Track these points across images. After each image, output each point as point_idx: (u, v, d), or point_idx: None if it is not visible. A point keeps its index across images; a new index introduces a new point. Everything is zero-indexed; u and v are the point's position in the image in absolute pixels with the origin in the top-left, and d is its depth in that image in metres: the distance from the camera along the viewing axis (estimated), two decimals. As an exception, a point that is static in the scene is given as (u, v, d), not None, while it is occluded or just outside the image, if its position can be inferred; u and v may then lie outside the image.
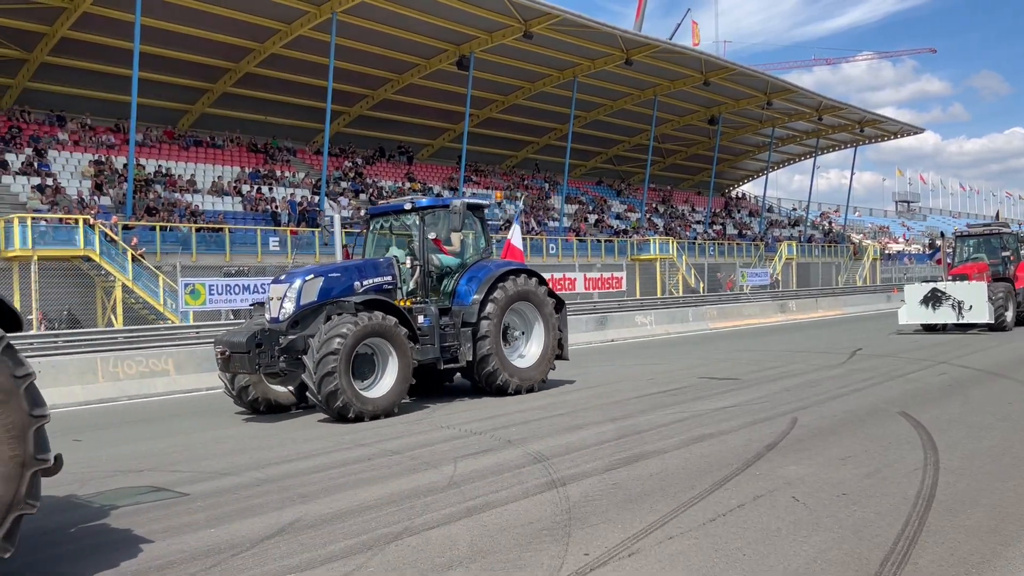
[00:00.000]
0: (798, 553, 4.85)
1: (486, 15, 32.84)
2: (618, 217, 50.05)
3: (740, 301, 35.14)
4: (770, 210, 64.89)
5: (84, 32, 29.45)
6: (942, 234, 25.41)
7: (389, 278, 11.30)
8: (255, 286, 24.41)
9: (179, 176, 32.01)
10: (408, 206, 11.92)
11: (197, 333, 20.61)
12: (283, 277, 10.86)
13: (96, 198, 27.82)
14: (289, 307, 10.33)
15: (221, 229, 27.78)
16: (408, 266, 11.51)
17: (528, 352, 12.24)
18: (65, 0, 27.54)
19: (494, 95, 42.30)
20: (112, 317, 23.06)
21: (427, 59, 36.95)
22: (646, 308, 29.95)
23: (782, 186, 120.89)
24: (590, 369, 15.23)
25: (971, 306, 19.59)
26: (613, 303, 33.11)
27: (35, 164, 28.40)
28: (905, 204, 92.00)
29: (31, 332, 20.03)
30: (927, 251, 62.67)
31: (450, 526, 5.53)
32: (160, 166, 32.13)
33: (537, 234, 40.53)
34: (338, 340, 9.60)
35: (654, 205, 53.90)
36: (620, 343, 21.98)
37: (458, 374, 12.34)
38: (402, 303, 11.08)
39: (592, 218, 47.22)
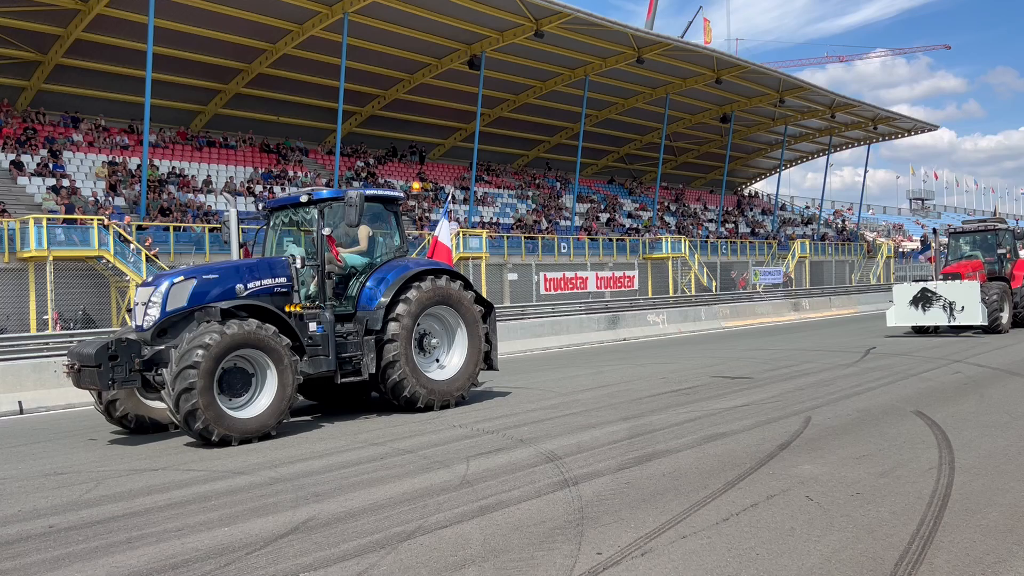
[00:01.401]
0: (812, 553, 4.83)
1: (497, 14, 32.85)
2: (630, 216, 49.96)
3: (753, 300, 35.02)
4: (783, 208, 64.60)
5: (98, 34, 29.66)
6: (934, 230, 24.35)
7: (283, 280, 9.98)
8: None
9: (192, 176, 32.18)
10: (304, 198, 10.53)
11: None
12: (150, 279, 9.70)
13: (110, 199, 28.02)
14: (154, 313, 9.12)
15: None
16: (305, 267, 10.15)
17: (449, 362, 11.01)
18: (79, 2, 27.74)
19: (505, 94, 42.30)
20: (127, 317, 23.21)
21: (438, 59, 36.99)
22: (658, 307, 29.88)
23: (795, 184, 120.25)
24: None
25: (963, 307, 18.52)
26: (625, 302, 33.06)
27: (50, 165, 28.62)
28: (919, 202, 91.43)
29: (47, 332, 20.20)
30: (919, 248, 62.11)
31: (463, 525, 5.54)
32: (174, 167, 32.32)
33: (549, 233, 40.51)
34: (199, 352, 8.44)
35: (666, 204, 53.76)
36: (632, 342, 21.94)
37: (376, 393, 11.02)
38: (293, 308, 9.84)
39: (604, 217, 47.16)
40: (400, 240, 11.31)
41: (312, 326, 9.85)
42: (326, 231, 10.18)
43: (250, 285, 9.69)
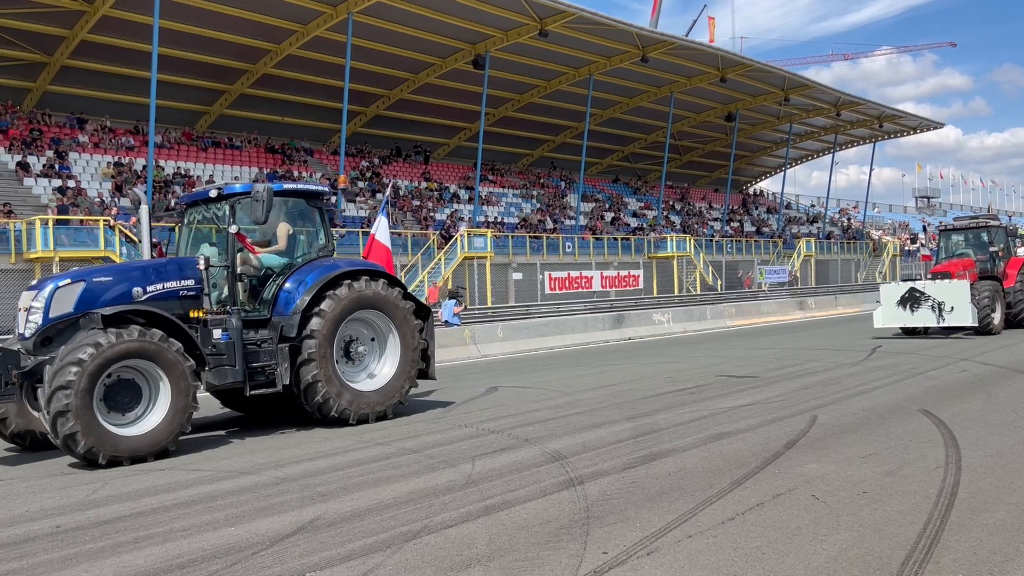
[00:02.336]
0: (818, 552, 4.82)
1: (501, 14, 32.84)
2: (635, 215, 49.93)
3: (758, 299, 34.99)
4: (788, 207, 64.48)
5: (103, 35, 29.75)
6: (924, 228, 23.92)
7: (191, 282, 9.16)
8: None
9: (198, 177, 32.25)
10: (214, 193, 9.70)
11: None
12: (34, 282, 8.90)
13: (116, 199, 28.09)
14: (36, 320, 8.32)
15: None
16: (209, 268, 9.30)
17: (380, 371, 10.18)
18: (84, 4, 27.82)
19: (510, 94, 42.29)
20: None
21: (443, 58, 37.00)
22: (663, 306, 29.90)
23: (800, 182, 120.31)
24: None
25: (952, 307, 17.72)
26: (630, 301, 33.09)
27: (56, 166, 28.71)
28: (925, 200, 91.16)
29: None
30: (909, 246, 61.78)
31: (468, 525, 5.54)
32: (179, 167, 32.40)
33: (553, 232, 40.50)
34: (72, 370, 7.63)
35: (671, 203, 53.71)
36: (638, 341, 21.92)
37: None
38: (198, 313, 9.09)
39: (609, 216, 47.14)
40: (325, 239, 10.44)
41: (216, 333, 8.95)
42: (233, 229, 9.34)
43: (150, 288, 8.88)
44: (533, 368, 15.86)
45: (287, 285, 9.66)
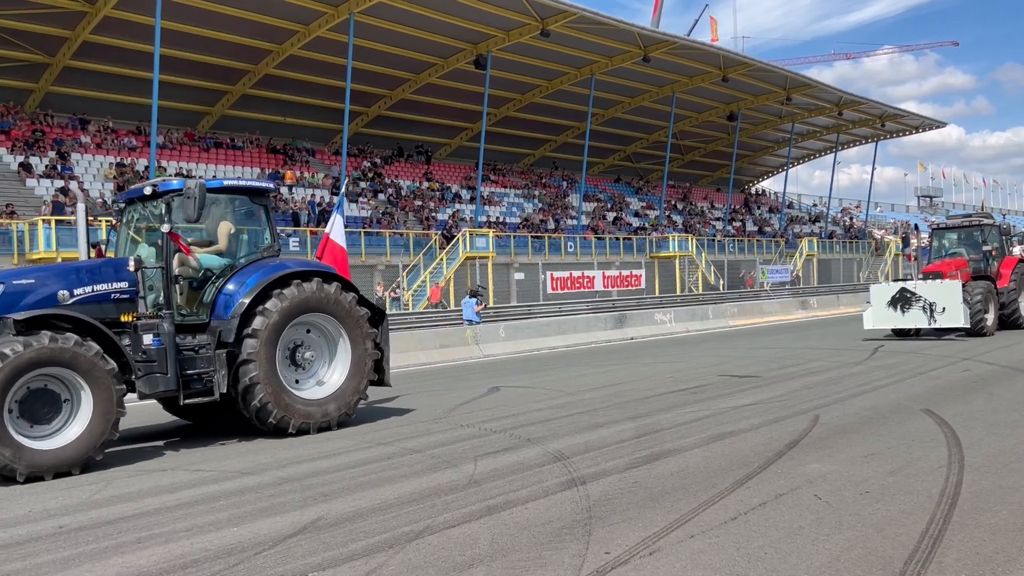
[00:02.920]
0: (821, 552, 4.82)
1: (503, 14, 32.85)
2: (637, 215, 49.93)
3: (760, 298, 34.96)
4: (790, 206, 64.44)
5: (105, 36, 29.79)
6: (916, 226, 23.27)
7: (124, 285, 8.61)
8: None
9: (200, 177, 32.26)
10: (148, 190, 9.13)
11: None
12: None
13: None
14: None
15: (242, 230, 27.93)
16: (140, 269, 8.78)
17: (330, 379, 9.62)
18: (86, 4, 27.86)
19: (511, 94, 42.31)
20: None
21: (444, 59, 37.01)
22: (665, 306, 29.89)
23: (802, 182, 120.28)
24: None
25: (944, 308, 17.19)
26: (632, 301, 33.08)
27: (58, 167, 28.75)
28: (927, 199, 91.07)
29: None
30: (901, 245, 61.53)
31: (471, 525, 5.54)
32: (181, 168, 32.42)
33: (557, 233, 40.50)
34: None
35: (673, 202, 53.70)
36: (640, 341, 21.91)
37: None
38: (129, 318, 8.59)
39: (610, 216, 47.14)
40: (271, 238, 9.90)
41: (147, 339, 8.45)
42: (165, 228, 8.81)
43: (78, 291, 8.30)
44: (535, 368, 15.86)
45: (228, 287, 9.12)
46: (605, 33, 36.13)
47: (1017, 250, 24.09)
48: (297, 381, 9.44)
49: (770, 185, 68.84)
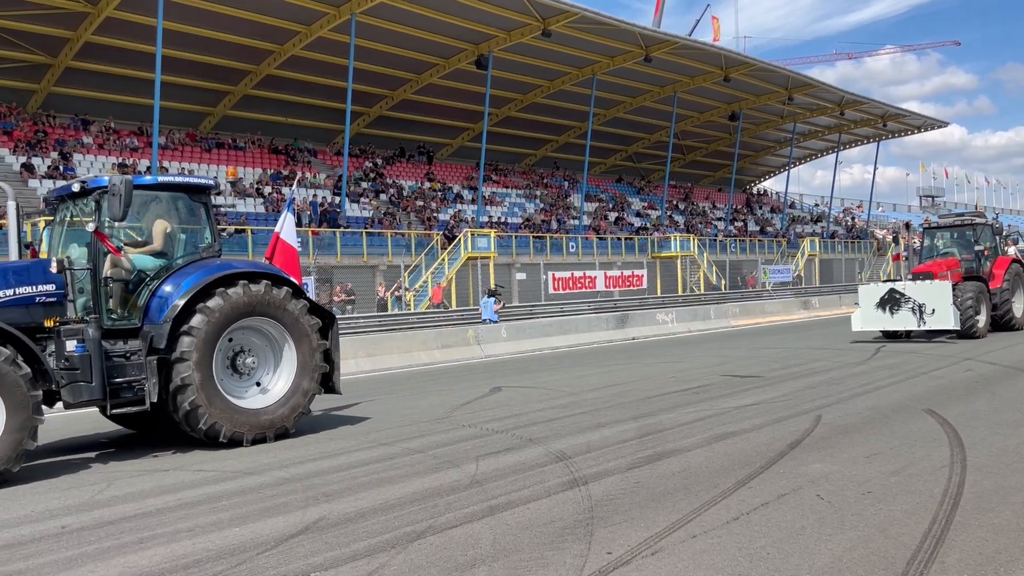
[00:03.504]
0: (823, 551, 4.81)
1: (504, 14, 32.87)
2: (638, 215, 49.92)
3: (762, 298, 34.94)
4: (792, 206, 64.41)
5: (107, 36, 29.83)
6: (906, 226, 22.56)
7: (51, 287, 8.15)
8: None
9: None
10: (77, 187, 8.68)
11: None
12: None
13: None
14: None
15: (243, 230, 28.00)
16: (64, 270, 8.26)
17: (274, 387, 9.12)
18: (88, 5, 27.89)
19: (513, 94, 42.32)
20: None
21: (446, 59, 37.03)
22: (667, 306, 29.88)
23: (804, 182, 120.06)
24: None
25: (933, 309, 16.75)
26: (634, 301, 33.08)
27: (60, 168, 28.78)
28: (929, 199, 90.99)
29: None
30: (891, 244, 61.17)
31: (473, 525, 5.54)
32: (183, 168, 32.44)
33: (558, 233, 40.50)
34: None
35: (674, 202, 53.69)
36: (641, 341, 21.91)
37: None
38: (51, 323, 8.14)
39: (612, 216, 47.14)
40: (211, 237, 9.39)
41: (70, 345, 7.93)
42: (91, 226, 8.35)
43: None
44: (537, 368, 15.86)
45: (164, 289, 8.60)
46: (606, 33, 36.13)
47: (1012, 250, 23.78)
48: (238, 388, 8.93)
49: (772, 185, 68.89)
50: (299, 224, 30.66)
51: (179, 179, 9.57)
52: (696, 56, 40.90)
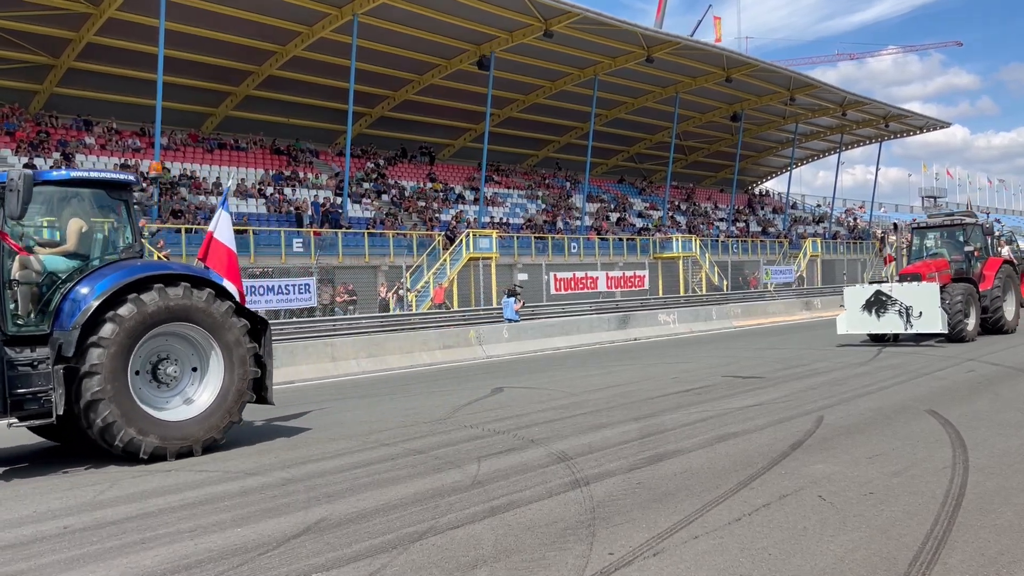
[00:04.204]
0: (825, 552, 4.81)
1: (506, 14, 32.88)
2: (640, 215, 49.91)
3: (764, 299, 34.93)
4: (794, 207, 64.37)
5: (109, 37, 29.87)
6: (895, 225, 21.07)
7: None
8: (279, 287, 24.65)
9: (204, 179, 32.34)
10: None
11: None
12: None
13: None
14: None
15: (245, 231, 28.02)
16: None
17: (199, 397, 8.49)
18: (91, 6, 27.92)
19: (515, 94, 42.33)
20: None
21: (448, 60, 37.05)
22: (669, 306, 29.86)
23: (806, 182, 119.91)
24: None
25: (920, 312, 16.25)
26: (636, 301, 33.06)
27: (63, 168, 28.81)
28: (932, 199, 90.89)
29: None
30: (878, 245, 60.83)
31: (474, 525, 5.54)
32: (185, 169, 32.49)
33: (561, 234, 40.49)
34: None
35: (676, 203, 53.66)
36: (643, 341, 21.90)
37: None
38: None
39: (614, 216, 47.13)
40: (132, 237, 8.78)
41: None
42: None
43: None
44: (539, 369, 15.86)
45: (77, 292, 7.96)
46: (608, 34, 36.13)
47: (1006, 251, 23.36)
48: (159, 399, 8.34)
49: (774, 186, 68.84)
50: (300, 225, 30.74)
51: (95, 175, 8.91)
52: (698, 57, 40.89)
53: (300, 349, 15.86)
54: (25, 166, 27.89)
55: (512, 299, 23.99)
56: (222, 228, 10.43)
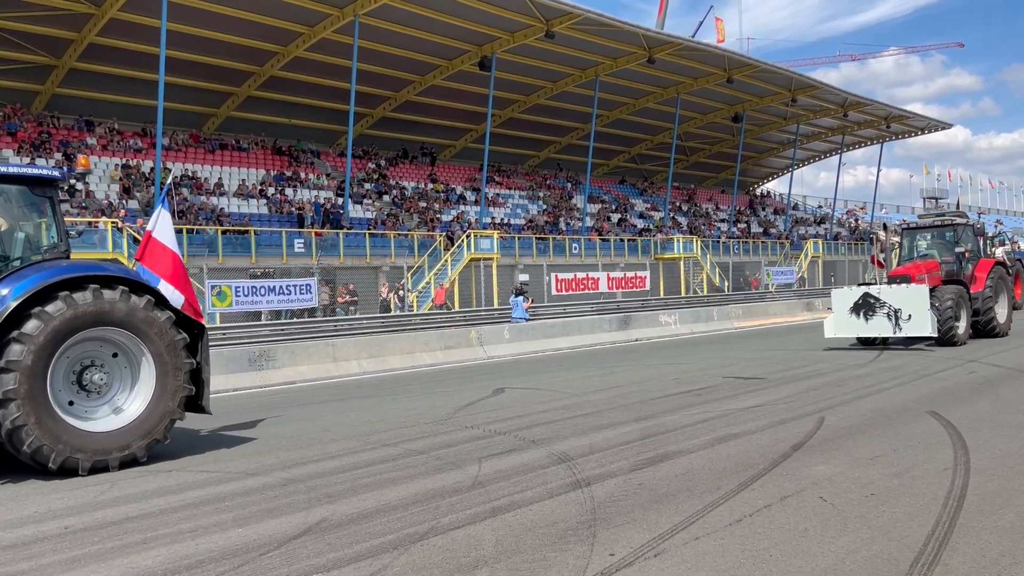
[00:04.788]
0: (826, 554, 4.81)
1: (508, 15, 32.89)
2: (641, 216, 49.90)
3: (765, 300, 34.90)
4: (795, 208, 64.36)
5: (111, 38, 29.91)
6: (884, 226, 20.40)
7: None
8: (280, 287, 24.66)
9: (205, 179, 32.36)
10: None
11: (224, 334, 20.83)
12: None
13: (124, 201, 28.20)
14: None
15: (247, 231, 28.04)
16: None
17: (128, 407, 7.97)
18: (93, 7, 27.95)
19: (516, 95, 42.34)
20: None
21: (449, 60, 37.06)
22: (670, 307, 29.84)
23: (808, 183, 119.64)
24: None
25: (910, 315, 15.82)
26: (637, 302, 33.05)
27: (64, 169, 28.84)
28: (933, 200, 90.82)
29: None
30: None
31: (475, 526, 5.54)
32: (186, 169, 32.51)
33: (562, 235, 40.48)
34: None
35: (677, 204, 53.66)
36: (644, 343, 21.89)
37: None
38: None
39: (615, 217, 47.12)
40: (58, 236, 8.37)
41: None
42: None
43: None
44: (540, 369, 15.86)
45: None
46: (610, 34, 36.13)
47: (1000, 251, 22.93)
48: (86, 408, 7.83)
49: (775, 186, 68.81)
50: (301, 226, 30.75)
51: (15, 169, 8.40)
52: (699, 57, 40.89)
53: (301, 350, 15.86)
54: (27, 166, 27.91)
55: (520, 298, 23.98)
56: (161, 227, 9.57)
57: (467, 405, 11.21)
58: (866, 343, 17.34)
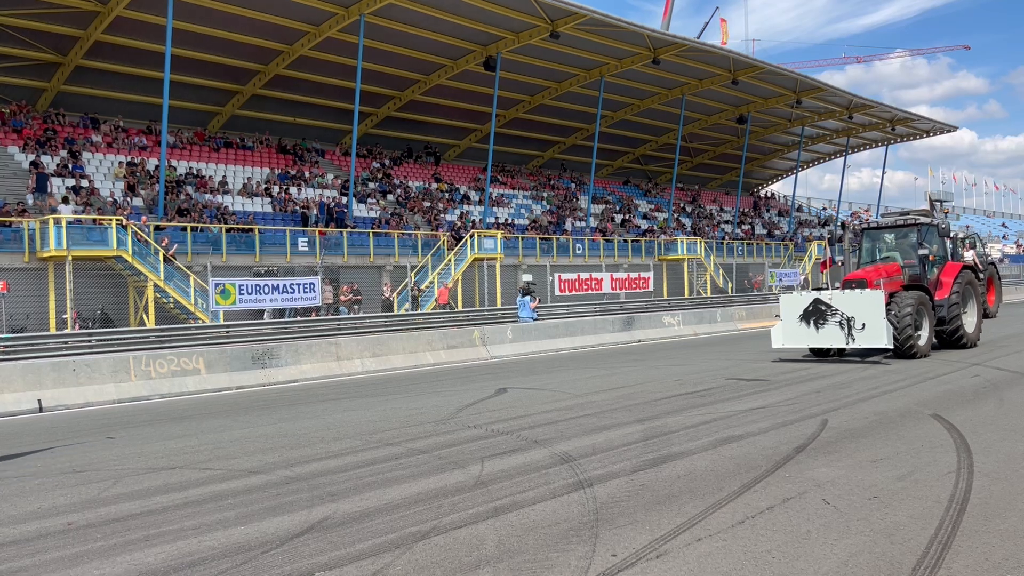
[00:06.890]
0: (828, 556, 4.80)
1: (513, 15, 32.88)
2: (645, 217, 49.86)
3: (769, 301, 34.81)
4: (800, 209, 64.27)
5: (117, 36, 29.95)
6: (842, 225, 18.28)
7: None
8: (284, 286, 24.70)
9: (210, 177, 32.40)
10: None
11: (227, 332, 20.91)
12: None
13: (129, 199, 28.25)
14: None
15: (251, 230, 28.07)
16: None
17: None
18: (98, 4, 28.00)
19: (521, 95, 42.33)
20: (144, 316, 23.40)
21: (454, 60, 37.07)
22: (673, 308, 29.83)
23: (812, 185, 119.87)
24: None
25: (864, 324, 14.36)
26: (640, 303, 33.02)
27: (69, 166, 28.89)
28: (938, 203, 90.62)
29: (66, 331, 20.39)
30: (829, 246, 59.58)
31: (477, 526, 5.54)
32: (191, 167, 32.56)
33: (566, 235, 40.48)
34: None
35: (682, 205, 53.62)
36: (647, 343, 21.89)
37: None
38: None
39: (619, 218, 47.09)
40: None
41: None
42: None
43: None
44: (543, 370, 15.87)
45: None
46: (615, 35, 36.11)
47: (970, 255, 21.07)
48: None
49: (779, 188, 68.73)
50: (306, 225, 30.76)
51: None
52: (704, 59, 40.84)
53: (304, 348, 15.89)
54: (32, 164, 28.00)
55: (528, 298, 23.99)
56: None
57: (470, 405, 11.22)
58: (819, 354, 15.96)
